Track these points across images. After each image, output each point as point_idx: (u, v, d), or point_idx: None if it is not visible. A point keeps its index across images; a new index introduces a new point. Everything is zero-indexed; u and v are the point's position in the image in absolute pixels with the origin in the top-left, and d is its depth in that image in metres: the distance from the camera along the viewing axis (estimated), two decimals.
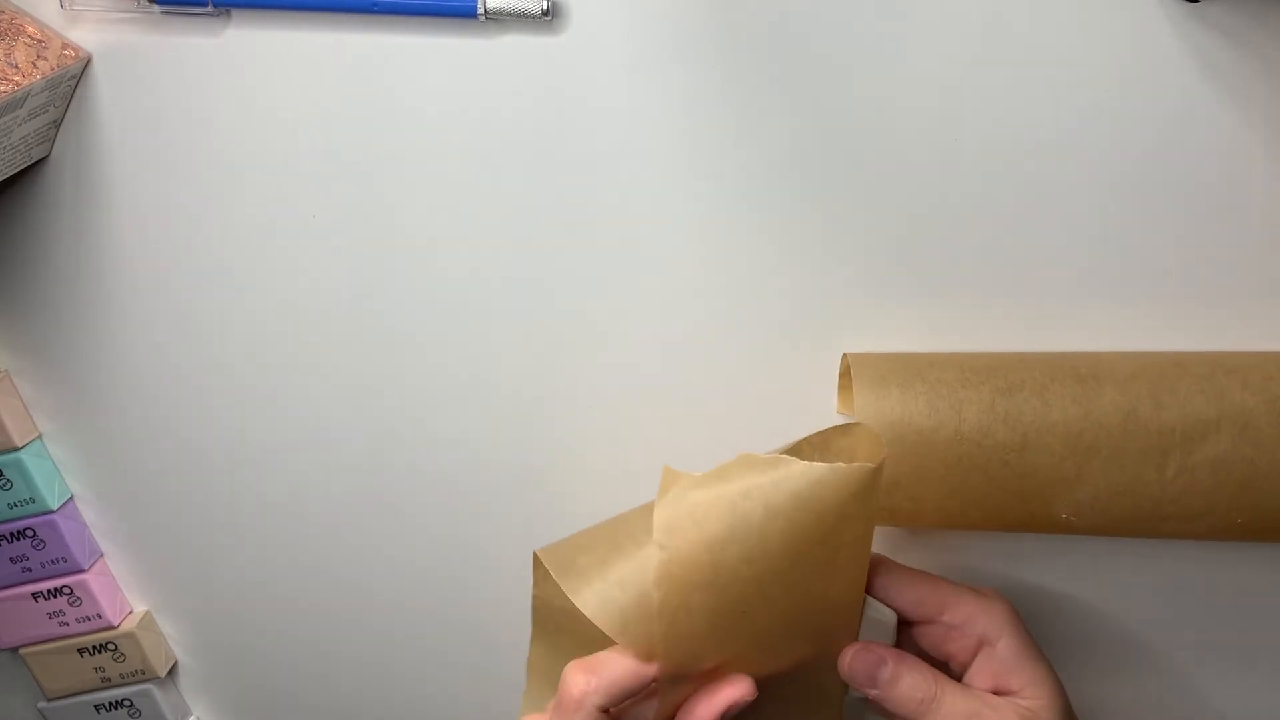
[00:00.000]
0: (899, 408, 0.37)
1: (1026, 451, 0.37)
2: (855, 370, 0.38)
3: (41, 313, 0.44)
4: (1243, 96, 0.37)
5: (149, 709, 0.50)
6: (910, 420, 0.37)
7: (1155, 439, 0.36)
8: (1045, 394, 0.37)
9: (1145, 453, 0.36)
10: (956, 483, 0.37)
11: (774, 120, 0.39)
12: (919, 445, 0.37)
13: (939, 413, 0.37)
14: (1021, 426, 0.37)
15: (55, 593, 0.47)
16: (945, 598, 0.37)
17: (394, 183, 0.41)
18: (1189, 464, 0.36)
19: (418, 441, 0.45)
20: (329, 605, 0.49)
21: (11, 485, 0.45)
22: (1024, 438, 0.37)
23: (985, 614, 0.36)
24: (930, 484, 0.37)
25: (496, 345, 0.43)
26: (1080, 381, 0.37)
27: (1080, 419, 0.37)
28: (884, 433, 0.37)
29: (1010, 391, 0.37)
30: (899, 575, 0.37)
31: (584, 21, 0.38)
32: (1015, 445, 0.37)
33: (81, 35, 0.39)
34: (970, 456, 0.37)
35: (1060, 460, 0.37)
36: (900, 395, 0.37)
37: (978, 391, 0.37)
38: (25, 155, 0.40)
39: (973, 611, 0.36)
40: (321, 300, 0.43)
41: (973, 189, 0.39)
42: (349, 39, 0.39)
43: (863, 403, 0.37)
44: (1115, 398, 0.37)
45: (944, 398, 0.37)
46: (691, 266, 0.41)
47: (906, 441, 0.37)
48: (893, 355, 0.40)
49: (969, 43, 0.37)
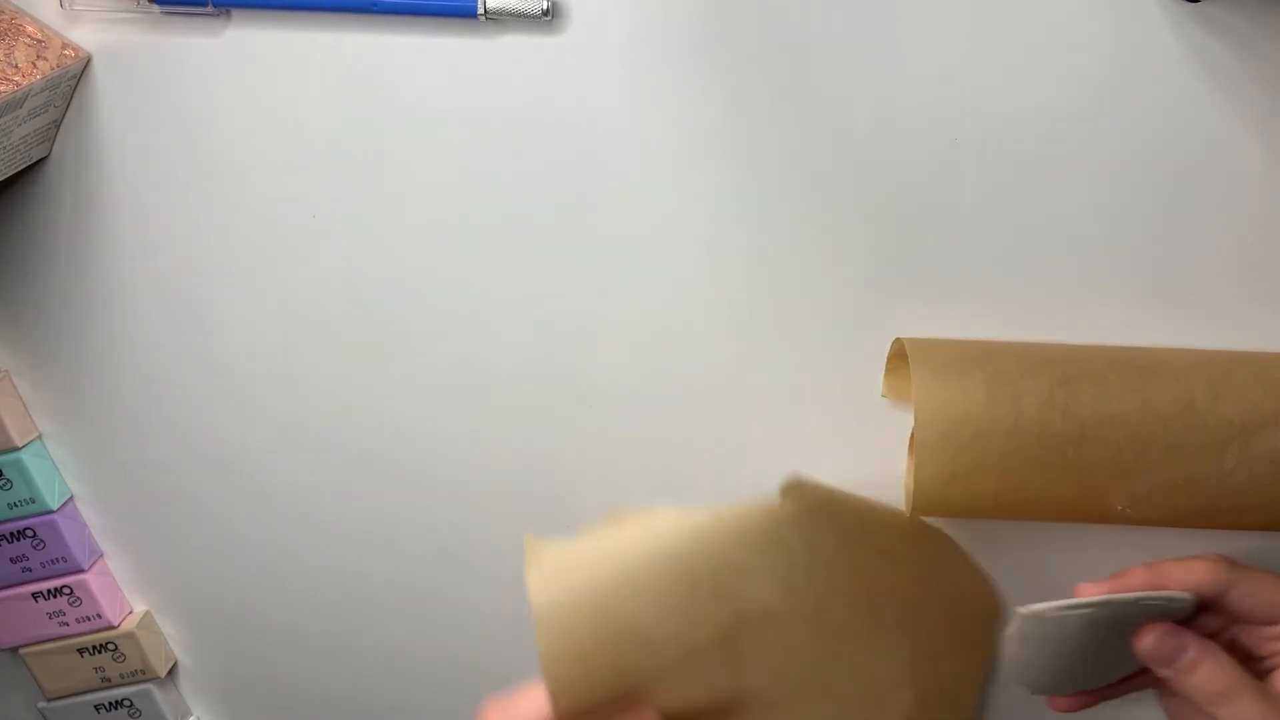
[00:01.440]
0: (958, 398, 0.36)
1: (1084, 444, 0.36)
2: (914, 357, 0.38)
3: (41, 313, 0.44)
4: (1243, 96, 0.37)
5: (149, 709, 0.50)
6: (969, 412, 0.36)
7: (1214, 430, 0.36)
8: (1103, 384, 0.36)
9: (1203, 444, 0.36)
10: (1013, 475, 0.37)
11: (773, 119, 0.39)
12: (976, 439, 0.36)
13: (997, 404, 0.36)
14: (1080, 418, 0.36)
15: (55, 593, 0.47)
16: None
17: (394, 182, 0.41)
18: (1247, 456, 0.36)
19: (418, 441, 0.45)
20: (329, 605, 0.49)
21: (11, 485, 0.45)
22: (1082, 429, 0.36)
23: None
24: (986, 477, 0.37)
25: (496, 345, 0.43)
26: (1138, 372, 0.37)
27: (1139, 410, 0.36)
28: (940, 425, 0.36)
29: (1068, 382, 0.36)
30: (1254, 583, 0.36)
31: (584, 21, 0.38)
32: (1073, 437, 0.36)
33: (81, 35, 0.39)
34: (1027, 449, 0.36)
35: (1118, 452, 0.36)
36: (959, 385, 0.37)
37: (1036, 382, 0.36)
38: (25, 155, 0.40)
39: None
40: (321, 299, 0.43)
41: (971, 189, 0.39)
42: (349, 39, 0.39)
43: (922, 391, 0.36)
44: (1173, 388, 0.36)
45: (1003, 388, 0.36)
46: (692, 266, 0.41)
47: (963, 434, 0.36)
48: (949, 342, 0.39)
49: (968, 43, 0.37)
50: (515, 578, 0.47)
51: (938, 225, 0.39)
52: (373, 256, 0.42)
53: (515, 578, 0.47)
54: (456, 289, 0.42)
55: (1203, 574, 0.36)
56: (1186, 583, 0.36)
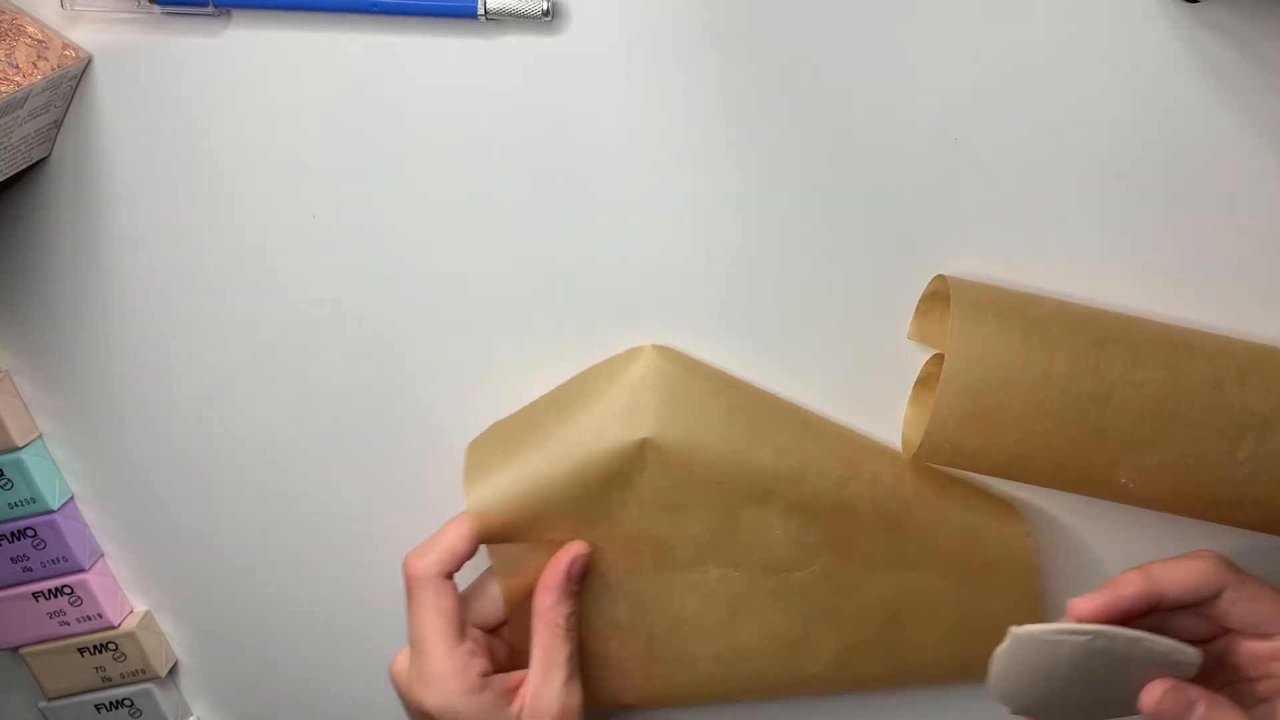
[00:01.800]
0: (993, 339, 0.36)
1: (1108, 406, 0.36)
2: (955, 291, 0.37)
3: (41, 313, 0.44)
4: (1242, 96, 0.37)
5: (149, 709, 0.50)
6: (1001, 355, 0.36)
7: (1235, 416, 0.35)
8: (1137, 352, 0.36)
9: (1222, 429, 0.36)
10: (1031, 426, 0.36)
11: (773, 119, 0.39)
12: (1005, 381, 0.36)
13: (1032, 351, 0.36)
14: (1109, 380, 0.35)
15: (56, 592, 0.47)
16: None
17: (394, 183, 0.41)
18: (1261, 450, 0.36)
19: (418, 442, 0.45)
20: (329, 605, 0.49)
21: (12, 485, 0.45)
22: (1109, 391, 0.35)
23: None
24: (1004, 425, 0.36)
25: (497, 344, 0.43)
26: (1172, 347, 0.36)
27: (1167, 383, 0.36)
28: (972, 359, 0.36)
29: (1103, 343, 0.36)
30: (1250, 589, 0.35)
31: (584, 21, 0.38)
32: (1099, 398, 0.35)
33: (82, 35, 0.39)
34: (1051, 402, 0.36)
35: (1138, 421, 0.36)
36: (996, 326, 0.36)
37: (1072, 336, 0.36)
38: (26, 155, 0.40)
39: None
40: (321, 300, 0.43)
41: (970, 190, 0.39)
42: (349, 39, 0.39)
43: (960, 325, 0.36)
44: (1204, 368, 0.36)
45: (1040, 336, 0.36)
46: (692, 265, 0.41)
47: (993, 377, 0.36)
48: (992, 285, 0.39)
49: (968, 43, 0.37)
50: None
51: (938, 225, 0.39)
52: (372, 256, 0.42)
53: None
54: (456, 289, 0.42)
55: (1197, 574, 0.35)
56: (1182, 584, 0.35)
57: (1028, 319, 0.36)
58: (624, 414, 0.39)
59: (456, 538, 0.40)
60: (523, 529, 0.40)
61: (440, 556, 0.39)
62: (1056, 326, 0.36)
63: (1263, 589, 0.35)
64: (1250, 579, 0.36)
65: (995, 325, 0.36)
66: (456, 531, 0.40)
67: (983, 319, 0.36)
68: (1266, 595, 0.35)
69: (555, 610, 0.40)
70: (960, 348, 0.36)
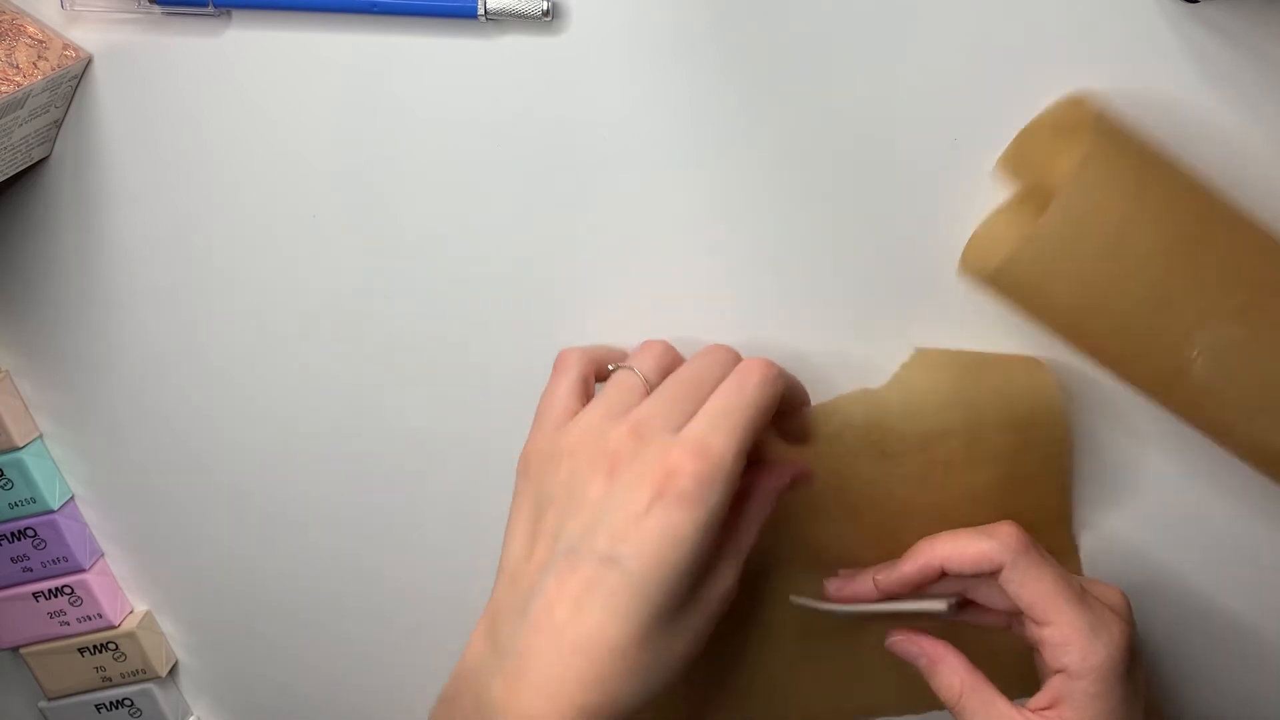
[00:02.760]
0: (1119, 174, 0.34)
1: (1206, 249, 0.34)
2: (1097, 120, 0.35)
3: (41, 313, 0.44)
4: (1243, 96, 0.37)
5: (150, 709, 0.50)
6: (1121, 190, 0.34)
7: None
8: (1251, 228, 0.35)
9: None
10: (1119, 266, 0.34)
11: (774, 119, 0.39)
12: (1117, 219, 0.34)
13: (1147, 195, 0.34)
14: (1214, 230, 0.34)
15: (56, 592, 0.47)
16: (1055, 615, 0.35)
17: (394, 183, 0.41)
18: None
19: (419, 442, 0.45)
20: (330, 605, 0.49)
21: (12, 485, 0.45)
22: (1209, 233, 0.34)
23: (1081, 649, 0.34)
24: (1085, 260, 0.34)
25: (498, 345, 0.43)
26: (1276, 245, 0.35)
27: (1267, 265, 0.35)
28: (1092, 191, 0.34)
29: (1214, 217, 0.35)
30: (1026, 573, 0.36)
31: (584, 21, 0.38)
32: (1195, 238, 0.34)
33: (82, 36, 0.39)
34: (1149, 243, 0.34)
35: (1231, 289, 0.34)
36: (1125, 164, 0.34)
37: (1192, 197, 0.35)
38: (26, 155, 0.40)
39: (1070, 639, 0.35)
40: (321, 300, 0.43)
41: (970, 190, 0.39)
42: (349, 39, 0.39)
43: (1096, 153, 0.34)
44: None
45: (1160, 185, 0.35)
46: (692, 265, 0.41)
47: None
48: (1128, 127, 0.37)
49: (968, 43, 0.37)
50: None
51: (938, 225, 0.39)
52: (373, 256, 0.42)
53: None
54: (457, 289, 0.42)
55: (974, 552, 0.36)
56: (963, 559, 0.36)
57: (1152, 165, 0.35)
58: None
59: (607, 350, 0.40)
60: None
61: (590, 354, 0.39)
62: (1180, 184, 0.35)
63: (1040, 576, 0.35)
64: (1033, 564, 0.36)
65: (1124, 162, 0.35)
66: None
67: (1116, 154, 0.35)
68: (1042, 581, 0.35)
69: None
70: (1087, 175, 0.34)
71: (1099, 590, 0.37)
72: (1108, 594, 0.37)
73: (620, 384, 0.36)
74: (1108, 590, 0.38)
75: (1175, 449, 0.41)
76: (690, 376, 0.35)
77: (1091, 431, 0.42)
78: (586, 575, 0.31)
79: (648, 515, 0.31)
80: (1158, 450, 0.42)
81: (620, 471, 0.33)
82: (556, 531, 0.33)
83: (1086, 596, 0.36)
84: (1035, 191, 0.37)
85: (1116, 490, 0.43)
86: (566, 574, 0.32)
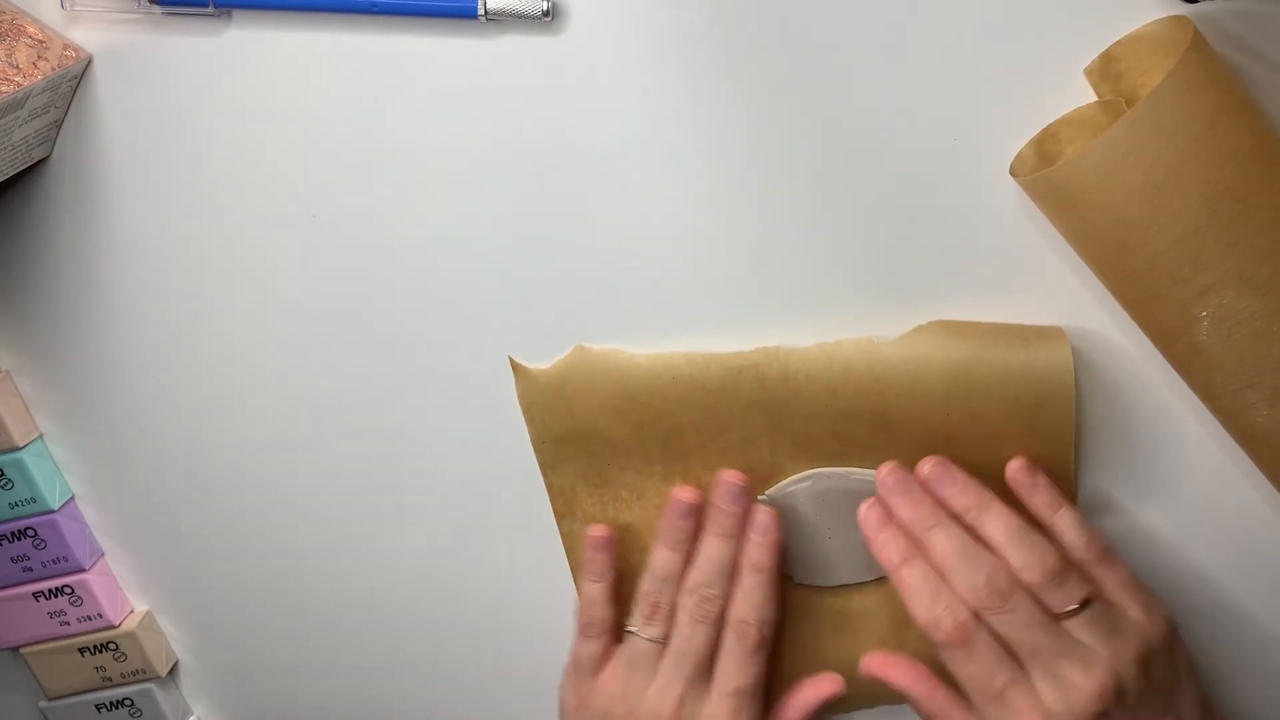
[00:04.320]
0: (1200, 103, 0.33)
1: (1250, 211, 0.34)
2: (1194, 42, 0.34)
3: (41, 313, 0.44)
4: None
5: (150, 708, 0.50)
6: (1194, 121, 0.33)
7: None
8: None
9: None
10: (1156, 202, 0.34)
11: (774, 119, 0.39)
12: (1180, 148, 0.33)
13: (1218, 138, 0.34)
14: (1266, 196, 0.34)
15: (56, 592, 0.47)
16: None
17: (394, 183, 0.41)
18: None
19: (418, 442, 0.45)
20: (329, 605, 0.49)
21: (12, 485, 0.45)
22: (1260, 196, 0.34)
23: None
24: (1138, 183, 0.34)
25: (498, 345, 0.43)
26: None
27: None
28: (1168, 114, 0.33)
29: (1269, 180, 0.34)
30: (932, 696, 0.39)
31: (584, 21, 0.38)
32: (1242, 197, 0.34)
33: (82, 36, 0.39)
34: (1200, 177, 0.33)
35: (1261, 259, 0.34)
36: (1207, 94, 0.34)
37: (1259, 156, 0.34)
38: (26, 155, 0.40)
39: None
40: (322, 300, 0.43)
41: (971, 190, 0.39)
42: (349, 39, 0.39)
43: (1185, 71, 0.33)
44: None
45: (1236, 124, 0.34)
46: (692, 265, 0.41)
47: (1177, 135, 0.33)
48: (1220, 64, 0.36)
49: (968, 43, 0.37)
50: (515, 579, 0.47)
51: (939, 224, 0.39)
52: (373, 256, 0.42)
53: (515, 579, 0.47)
54: (457, 288, 0.42)
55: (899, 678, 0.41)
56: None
57: (1230, 107, 0.34)
58: None
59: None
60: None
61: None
62: (1249, 137, 0.34)
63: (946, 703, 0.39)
64: (937, 690, 0.40)
65: (1207, 91, 0.34)
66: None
67: (1204, 76, 0.34)
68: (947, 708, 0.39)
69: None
70: (1173, 84, 0.33)
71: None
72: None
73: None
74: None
75: (1202, 438, 0.41)
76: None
77: (1114, 413, 0.41)
78: None
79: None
80: (1185, 436, 0.41)
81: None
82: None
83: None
84: (1109, 107, 0.37)
85: (1144, 474, 0.42)
86: None
